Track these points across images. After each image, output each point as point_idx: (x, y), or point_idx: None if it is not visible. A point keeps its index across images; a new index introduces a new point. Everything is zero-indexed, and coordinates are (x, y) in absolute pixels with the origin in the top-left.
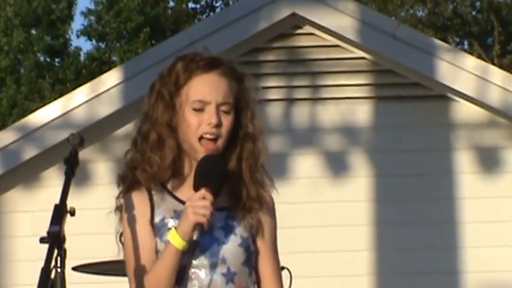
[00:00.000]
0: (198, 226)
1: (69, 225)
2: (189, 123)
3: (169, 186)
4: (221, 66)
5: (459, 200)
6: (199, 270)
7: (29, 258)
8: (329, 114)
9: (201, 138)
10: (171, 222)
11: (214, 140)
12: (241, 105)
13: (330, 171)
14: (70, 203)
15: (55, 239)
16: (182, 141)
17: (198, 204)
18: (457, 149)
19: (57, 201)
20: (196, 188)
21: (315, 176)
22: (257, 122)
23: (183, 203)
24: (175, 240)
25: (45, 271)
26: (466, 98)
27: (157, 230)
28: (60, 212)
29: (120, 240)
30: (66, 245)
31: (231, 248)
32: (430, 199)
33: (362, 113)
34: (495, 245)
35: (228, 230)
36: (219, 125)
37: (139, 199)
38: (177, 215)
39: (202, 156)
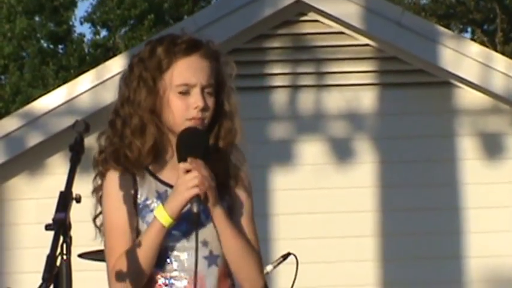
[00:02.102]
0: (195, 198)
1: (75, 212)
2: (175, 108)
3: (151, 168)
4: (202, 48)
5: (463, 186)
6: (181, 253)
7: (34, 245)
8: (334, 100)
9: (188, 121)
10: (153, 204)
11: (201, 123)
12: (218, 83)
13: (335, 158)
14: (75, 190)
15: (61, 226)
16: (167, 125)
17: (187, 178)
18: (460, 135)
19: (62, 188)
20: (182, 158)
21: (320, 162)
22: (233, 100)
23: (165, 184)
24: (162, 216)
25: (51, 258)
26: (469, 85)
27: (140, 210)
28: (66, 199)
29: (95, 222)
30: (72, 232)
31: (212, 230)
32: (435, 185)
33: (367, 100)
34: (498, 230)
35: (209, 212)
36: (205, 108)
37: (119, 177)
38: (160, 196)
39: (183, 129)
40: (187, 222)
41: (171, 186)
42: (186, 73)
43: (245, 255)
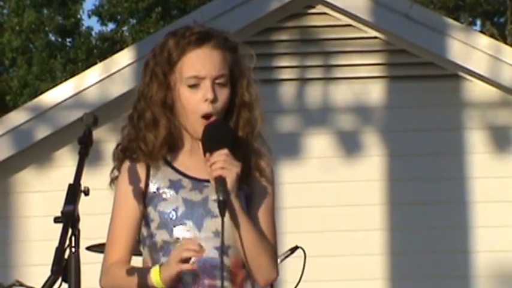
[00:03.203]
0: (219, 181)
1: (83, 205)
2: (185, 100)
3: (168, 157)
4: (213, 39)
5: (472, 180)
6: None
7: (42, 238)
8: (342, 93)
9: (201, 116)
10: (166, 192)
11: (212, 116)
12: (236, 74)
13: (343, 151)
14: (84, 183)
15: (69, 219)
16: (179, 118)
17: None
18: (469, 128)
19: (71, 181)
20: (208, 151)
21: (327, 155)
22: (253, 90)
23: (180, 173)
24: (155, 280)
25: (60, 251)
26: (479, 78)
27: (151, 199)
28: (74, 192)
29: None
30: (80, 225)
31: (224, 220)
32: (443, 179)
33: (375, 93)
34: (507, 224)
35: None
36: (214, 100)
37: (132, 169)
38: (173, 184)
39: (210, 122)
40: (198, 213)
41: (185, 175)
42: (195, 65)
43: (258, 247)
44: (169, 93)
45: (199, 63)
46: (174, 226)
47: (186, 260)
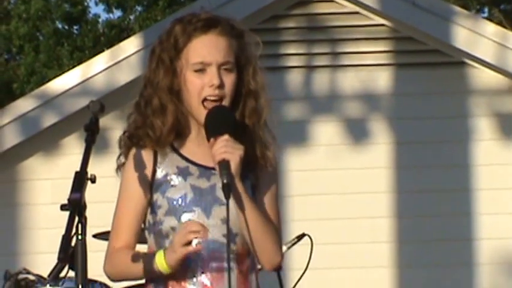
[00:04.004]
0: (223, 165)
1: (90, 192)
2: (191, 86)
3: (175, 144)
4: (219, 26)
5: (478, 167)
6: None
7: (49, 226)
8: (349, 81)
9: (204, 100)
10: (174, 179)
11: (219, 101)
12: (242, 62)
13: (350, 138)
14: (90, 170)
15: (76, 206)
16: (186, 104)
17: (182, 232)
18: (476, 115)
19: (78, 169)
20: (211, 136)
21: (334, 143)
22: (259, 78)
23: (187, 160)
24: (161, 263)
25: (66, 238)
26: (485, 65)
27: (159, 185)
28: (81, 179)
29: None
30: (87, 213)
31: (230, 209)
32: (450, 166)
33: (382, 80)
34: None
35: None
36: (221, 85)
37: (139, 155)
38: (181, 171)
39: (211, 107)
40: (207, 200)
41: (192, 163)
42: (201, 51)
43: (263, 231)
44: (175, 79)
45: (206, 50)
46: (183, 213)
47: (190, 242)
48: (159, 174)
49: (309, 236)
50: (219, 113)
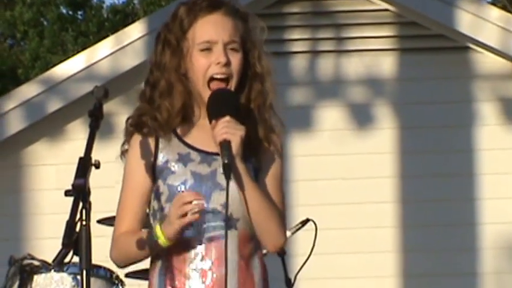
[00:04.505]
0: (224, 145)
1: (94, 178)
2: (197, 66)
3: (178, 130)
4: (224, 6)
5: (483, 151)
6: (201, 215)
7: (54, 211)
8: (353, 66)
9: (210, 80)
10: (174, 166)
11: (226, 80)
12: (247, 45)
13: (354, 124)
14: (95, 156)
15: (80, 192)
16: (192, 85)
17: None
18: (480, 100)
19: (82, 154)
20: (213, 118)
21: (339, 128)
22: (265, 62)
23: (188, 146)
24: (160, 238)
25: (70, 224)
26: (489, 50)
27: (160, 172)
28: (85, 165)
29: None
30: (91, 198)
31: (231, 193)
32: (454, 151)
33: (386, 65)
34: None
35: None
36: (228, 63)
37: (142, 142)
38: (182, 158)
39: (214, 90)
40: (207, 186)
41: (194, 148)
42: (207, 30)
43: (265, 212)
44: (182, 61)
45: (212, 29)
46: None
47: (186, 214)
48: (160, 161)
49: (313, 221)
50: (221, 95)
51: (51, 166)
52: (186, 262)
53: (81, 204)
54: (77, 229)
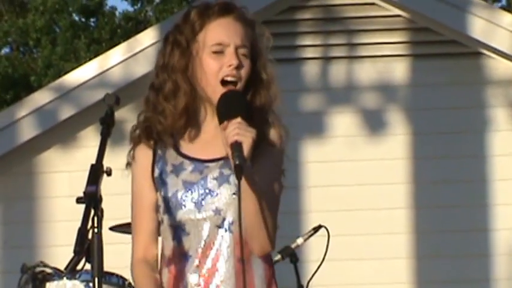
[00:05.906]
0: (235, 147)
1: (106, 185)
2: (208, 68)
3: (185, 136)
4: (235, 11)
5: (496, 157)
6: (195, 224)
7: (66, 218)
8: (366, 72)
9: (221, 82)
10: (168, 177)
11: (235, 83)
12: (255, 52)
13: (367, 130)
14: (106, 163)
15: (92, 199)
16: (199, 87)
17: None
18: (493, 106)
19: (94, 162)
20: (223, 120)
21: (352, 134)
22: (270, 70)
23: (182, 155)
24: None
25: (82, 231)
26: (502, 55)
27: (157, 184)
28: (97, 172)
29: None
30: (103, 205)
31: (223, 198)
32: (467, 157)
33: (398, 71)
34: None
35: (222, 180)
36: (239, 66)
37: (142, 153)
38: (175, 168)
39: (224, 91)
40: (198, 193)
41: (188, 158)
42: (219, 33)
43: (261, 219)
44: (190, 63)
45: (224, 31)
46: (176, 210)
47: None
48: (156, 173)
49: (325, 227)
50: (232, 97)
51: (63, 173)
52: (184, 271)
53: (93, 212)
54: (89, 236)
